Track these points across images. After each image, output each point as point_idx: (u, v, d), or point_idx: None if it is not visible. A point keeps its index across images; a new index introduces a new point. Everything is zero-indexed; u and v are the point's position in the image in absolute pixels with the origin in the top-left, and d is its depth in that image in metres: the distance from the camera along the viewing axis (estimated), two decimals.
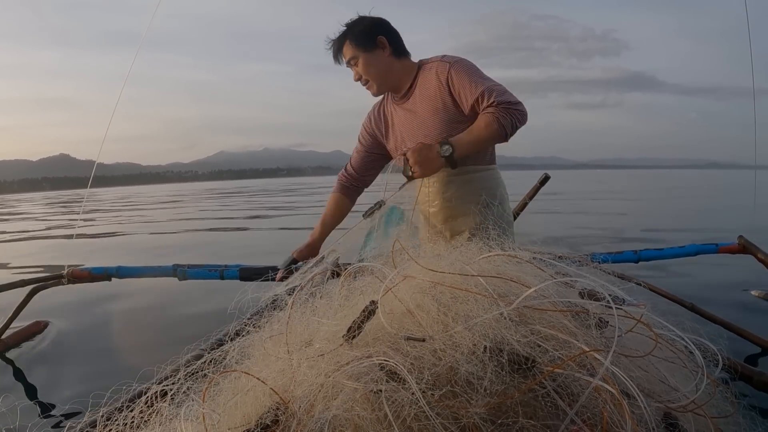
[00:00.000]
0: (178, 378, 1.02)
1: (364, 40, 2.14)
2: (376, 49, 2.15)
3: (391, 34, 2.18)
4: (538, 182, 3.19)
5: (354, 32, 2.16)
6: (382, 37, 2.15)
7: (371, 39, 2.14)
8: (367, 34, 2.14)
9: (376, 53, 2.16)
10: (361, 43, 2.15)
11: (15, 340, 2.95)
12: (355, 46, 2.16)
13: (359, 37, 2.15)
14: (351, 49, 2.17)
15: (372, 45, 2.15)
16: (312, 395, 0.82)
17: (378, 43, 2.15)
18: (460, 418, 0.77)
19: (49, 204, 26.66)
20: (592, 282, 1.02)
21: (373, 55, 2.16)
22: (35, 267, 5.48)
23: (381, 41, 2.15)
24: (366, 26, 2.15)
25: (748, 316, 3.15)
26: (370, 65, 2.17)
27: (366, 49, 2.15)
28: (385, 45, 2.15)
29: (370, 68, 2.17)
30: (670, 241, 5.56)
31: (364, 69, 2.18)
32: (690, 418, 0.89)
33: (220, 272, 2.73)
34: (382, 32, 2.15)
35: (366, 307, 0.96)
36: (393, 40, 2.18)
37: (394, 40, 2.18)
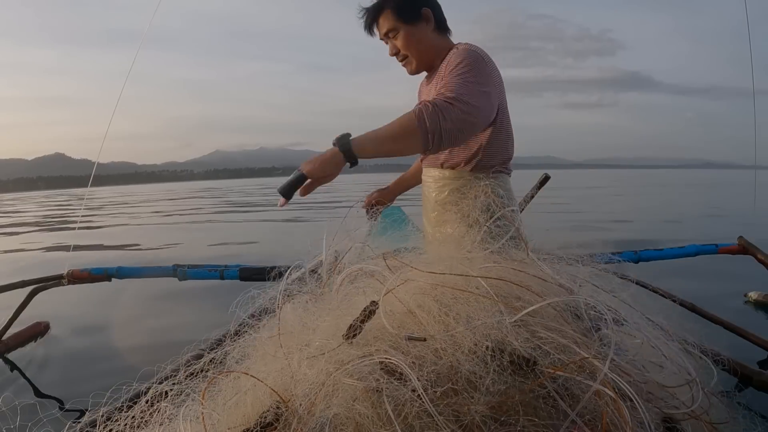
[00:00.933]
0: (178, 378, 1.02)
1: (407, 10, 1.92)
2: (420, 22, 1.94)
3: (435, 7, 1.97)
4: (538, 182, 3.18)
5: (396, 1, 1.92)
6: (428, 9, 1.93)
7: (415, 10, 1.92)
8: (412, 3, 1.92)
9: (420, 26, 1.94)
10: (403, 14, 1.92)
11: (16, 341, 2.95)
12: (397, 17, 1.93)
13: (402, 7, 1.92)
14: (391, 20, 1.94)
15: (416, 17, 1.93)
16: (313, 394, 0.82)
17: (423, 16, 1.93)
18: (462, 417, 0.77)
19: (42, 204, 26.65)
20: (592, 294, 1.02)
21: (416, 29, 1.94)
22: (34, 268, 5.49)
23: (426, 13, 1.93)
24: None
25: (747, 316, 3.15)
26: (411, 39, 1.95)
27: (409, 20, 1.93)
28: (429, 18, 1.94)
29: (411, 42, 1.95)
30: (669, 241, 5.57)
31: (405, 43, 1.96)
32: (689, 422, 0.89)
33: (220, 272, 2.73)
34: (427, 3, 1.95)
35: (366, 306, 0.96)
36: (438, 14, 1.97)
37: (439, 13, 1.98)
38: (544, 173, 3.19)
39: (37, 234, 11.00)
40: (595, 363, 0.81)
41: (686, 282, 3.89)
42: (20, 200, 36.92)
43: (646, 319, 1.10)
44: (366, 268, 1.19)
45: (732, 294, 3.64)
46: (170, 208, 17.15)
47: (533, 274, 1.09)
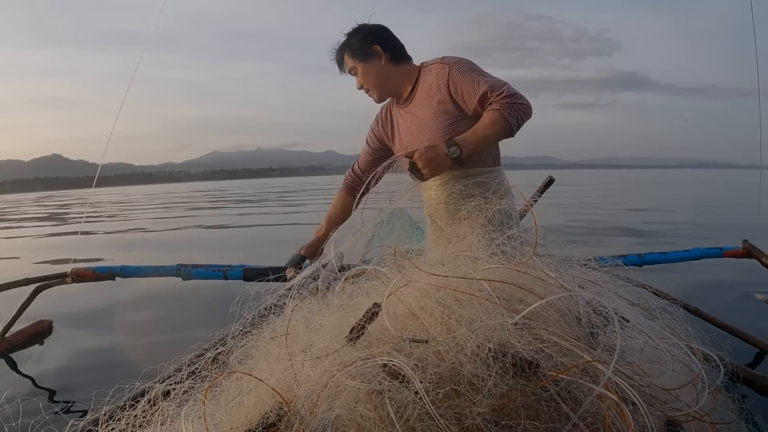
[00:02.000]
0: (181, 377, 1.03)
1: (360, 50, 2.19)
2: (373, 59, 2.19)
3: (386, 42, 2.20)
4: (543, 185, 3.18)
5: (351, 43, 2.20)
6: (377, 45, 2.17)
7: (367, 49, 2.17)
8: (362, 44, 2.18)
9: (373, 62, 2.19)
10: (357, 53, 2.19)
11: (19, 338, 2.96)
12: (352, 57, 2.21)
13: (355, 48, 2.19)
14: (350, 60, 2.22)
15: (368, 55, 2.18)
16: (315, 395, 0.82)
17: (374, 53, 2.18)
18: (463, 419, 0.77)
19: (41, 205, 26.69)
20: (596, 296, 1.02)
21: (369, 65, 2.19)
22: (39, 264, 5.51)
23: (376, 50, 2.17)
24: (362, 37, 2.18)
25: (751, 320, 3.14)
26: (367, 74, 2.21)
27: (363, 59, 2.19)
28: (380, 53, 2.17)
29: (367, 77, 2.22)
30: (673, 244, 5.55)
31: (363, 78, 2.22)
32: (692, 425, 0.89)
33: (223, 272, 2.73)
34: (378, 41, 2.18)
35: (369, 308, 0.96)
36: (389, 48, 2.20)
37: (391, 47, 2.21)
38: (548, 176, 3.18)
39: (41, 232, 11.03)
40: (599, 366, 0.81)
41: (690, 285, 3.88)
42: (20, 202, 37.03)
43: (650, 320, 1.10)
44: (369, 269, 1.19)
45: (736, 298, 3.63)
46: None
47: (536, 277, 1.09)
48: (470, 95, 2.03)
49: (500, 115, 1.96)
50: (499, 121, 1.96)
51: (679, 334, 1.07)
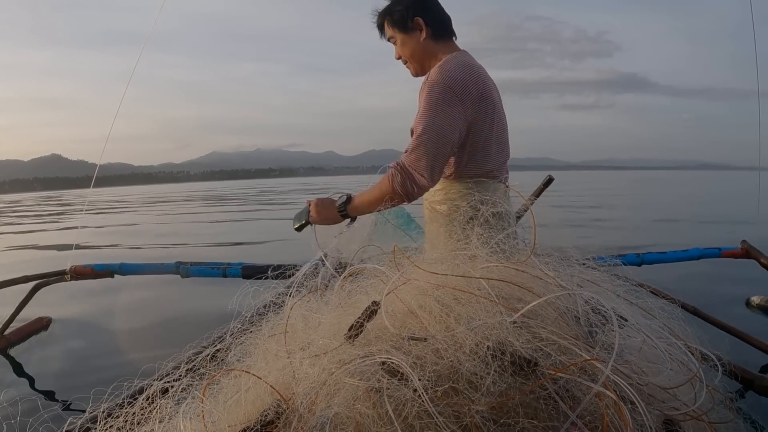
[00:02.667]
0: (179, 375, 1.03)
1: (401, 20, 2.07)
2: (413, 31, 2.06)
3: (430, 15, 2.07)
4: (542, 184, 3.17)
5: (392, 11, 2.09)
6: (419, 18, 2.04)
7: (408, 20, 2.05)
8: (404, 14, 2.06)
9: (413, 36, 2.07)
10: (398, 23, 2.08)
11: (18, 336, 2.96)
12: (393, 25, 2.10)
13: (396, 18, 2.08)
14: (389, 29, 2.11)
15: (409, 26, 2.06)
16: (314, 393, 0.82)
17: (415, 25, 2.05)
18: (462, 417, 0.77)
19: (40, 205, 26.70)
20: (595, 295, 1.02)
21: (409, 38, 2.08)
22: (37, 264, 5.50)
23: (418, 23, 2.05)
24: (405, 6, 2.06)
25: (749, 320, 3.14)
26: (405, 47, 2.10)
27: (403, 30, 2.08)
28: (421, 27, 2.05)
29: (405, 50, 2.11)
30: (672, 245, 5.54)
31: (401, 50, 2.12)
32: (690, 424, 0.89)
33: (222, 270, 2.73)
34: (421, 13, 2.05)
35: (368, 307, 0.96)
36: (432, 22, 2.06)
37: (434, 21, 2.07)
38: (548, 175, 3.17)
39: (40, 231, 11.03)
40: (597, 365, 0.81)
41: (689, 285, 3.88)
42: (15, 203, 37.01)
43: (648, 320, 1.10)
44: (368, 267, 1.19)
45: (735, 298, 3.63)
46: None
47: (535, 276, 1.09)
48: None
49: (389, 178, 1.93)
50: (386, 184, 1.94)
51: (677, 334, 1.07)
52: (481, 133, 1.97)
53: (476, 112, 1.94)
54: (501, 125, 2.04)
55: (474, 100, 1.92)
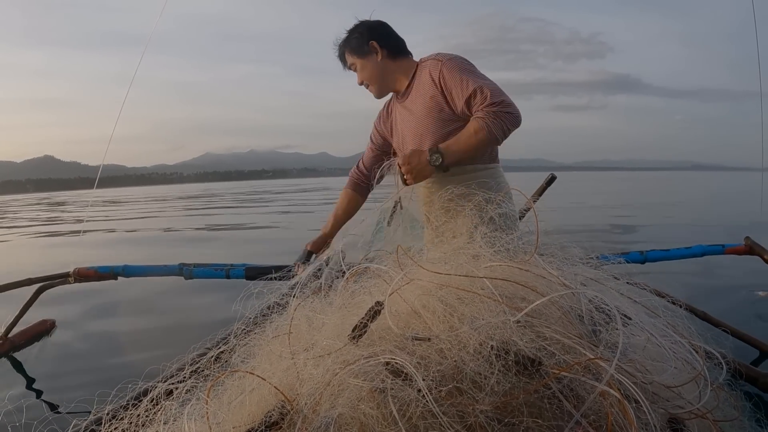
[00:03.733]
0: (183, 376, 1.03)
1: (358, 46, 2.23)
2: (370, 55, 2.22)
3: (383, 38, 2.22)
4: (545, 182, 3.17)
5: (350, 40, 2.25)
6: (374, 41, 2.20)
7: (364, 45, 2.21)
8: (360, 40, 2.22)
9: (370, 58, 2.22)
10: (356, 50, 2.23)
11: (22, 338, 2.96)
12: (352, 53, 2.25)
13: (354, 45, 2.23)
14: (349, 57, 2.26)
15: (366, 50, 2.22)
16: (318, 393, 0.82)
17: (371, 49, 2.21)
18: (466, 417, 0.77)
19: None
20: (598, 294, 1.02)
21: (367, 61, 2.23)
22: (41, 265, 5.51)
23: (373, 46, 2.20)
24: (360, 33, 2.22)
25: (754, 317, 3.13)
26: (365, 70, 2.25)
27: (361, 55, 2.23)
28: (377, 49, 2.20)
29: (365, 73, 2.25)
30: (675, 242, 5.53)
31: (361, 74, 2.27)
32: (695, 422, 0.89)
33: (226, 271, 2.73)
34: (375, 37, 2.20)
35: (372, 307, 0.96)
36: (386, 43, 2.22)
37: (388, 42, 2.23)
38: (550, 173, 3.17)
39: (43, 232, 11.05)
40: (601, 364, 0.81)
41: (693, 283, 3.88)
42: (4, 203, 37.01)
43: (652, 318, 1.10)
44: (371, 267, 1.19)
45: (739, 294, 3.62)
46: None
47: (538, 275, 1.09)
48: (458, 95, 2.04)
49: (485, 124, 1.95)
50: (483, 129, 1.96)
51: (681, 332, 1.07)
52: None
53: None
54: None
55: None
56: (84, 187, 60.84)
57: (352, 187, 2.57)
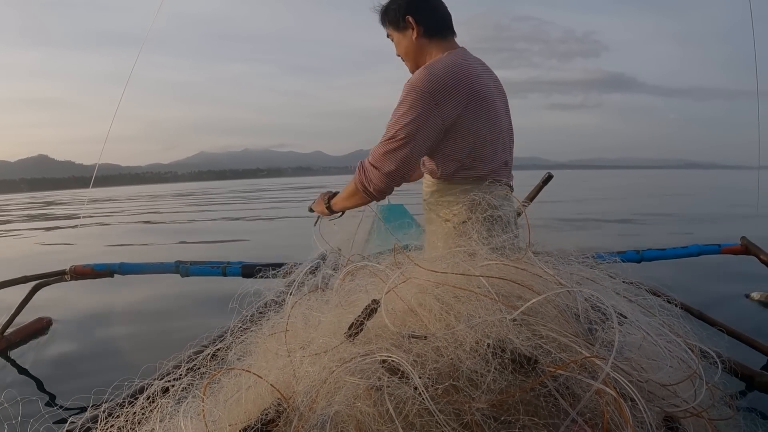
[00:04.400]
0: (180, 374, 1.03)
1: (394, 19, 2.11)
2: (406, 29, 2.09)
3: (422, 14, 2.07)
4: (541, 181, 3.17)
5: (388, 10, 2.13)
6: (410, 16, 2.06)
7: (400, 18, 2.08)
8: (397, 13, 2.09)
9: (406, 34, 2.10)
10: (392, 22, 2.12)
11: (18, 336, 2.96)
12: (389, 24, 2.14)
13: (391, 16, 2.12)
14: (386, 27, 2.17)
15: (401, 25, 2.09)
16: (314, 391, 0.82)
17: (407, 24, 2.07)
18: (462, 415, 0.77)
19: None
20: (594, 292, 1.02)
21: (402, 36, 2.11)
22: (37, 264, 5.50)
23: (409, 21, 2.06)
24: (398, 5, 2.09)
25: (749, 317, 3.14)
26: (400, 45, 2.14)
27: (396, 28, 2.12)
28: (413, 25, 2.06)
29: (400, 48, 2.15)
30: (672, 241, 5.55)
31: (397, 48, 2.16)
32: (690, 421, 0.89)
33: (222, 269, 2.74)
34: (412, 11, 2.07)
35: (368, 305, 0.96)
36: (424, 20, 2.07)
37: (426, 19, 2.07)
38: (547, 172, 3.16)
39: (39, 230, 11.03)
40: (597, 362, 0.81)
41: (689, 282, 3.89)
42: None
43: (648, 317, 1.10)
44: (368, 266, 1.20)
45: (735, 294, 3.64)
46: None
47: (534, 274, 1.09)
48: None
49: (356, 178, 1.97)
50: (351, 183, 2.00)
51: (676, 331, 1.08)
52: (467, 138, 1.93)
53: (461, 115, 1.90)
54: (497, 129, 1.99)
55: (458, 104, 1.88)
56: (78, 187, 60.77)
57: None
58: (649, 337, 0.99)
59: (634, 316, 1.05)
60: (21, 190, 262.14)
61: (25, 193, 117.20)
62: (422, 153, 1.92)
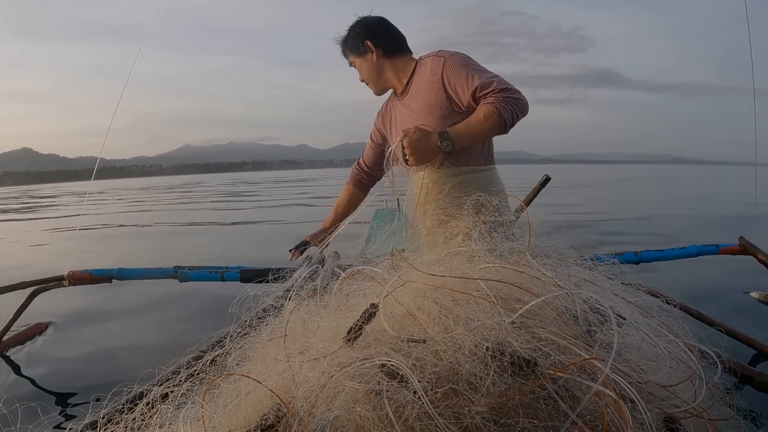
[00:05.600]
0: (179, 380, 1.02)
1: (354, 46, 2.28)
2: (366, 54, 2.26)
3: (379, 37, 2.25)
4: (539, 183, 3.17)
5: (347, 39, 2.30)
6: (368, 41, 2.23)
7: (360, 44, 2.25)
8: (356, 40, 2.26)
9: (366, 57, 2.27)
10: (352, 49, 2.29)
11: (16, 341, 2.95)
12: (349, 52, 2.31)
13: (350, 44, 2.29)
14: (348, 55, 2.33)
15: (362, 50, 2.26)
16: (313, 396, 0.82)
17: (366, 48, 2.25)
18: (462, 418, 0.77)
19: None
20: (592, 294, 1.02)
21: (364, 60, 2.28)
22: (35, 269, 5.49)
23: (368, 45, 2.24)
24: (356, 33, 2.27)
25: (748, 317, 3.15)
26: (362, 69, 2.31)
27: (357, 54, 2.28)
28: (371, 49, 2.24)
29: (362, 71, 2.31)
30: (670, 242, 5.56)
31: (360, 72, 2.32)
32: (691, 421, 0.89)
33: (220, 274, 2.73)
34: (369, 36, 2.24)
35: (366, 309, 0.96)
36: (382, 42, 2.25)
37: (384, 41, 2.26)
38: (544, 175, 3.17)
39: (38, 233, 11.00)
40: (597, 364, 0.81)
41: (688, 283, 3.89)
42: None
43: (647, 318, 1.10)
44: (366, 269, 1.20)
45: (733, 294, 3.64)
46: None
47: (533, 276, 1.09)
48: (464, 90, 2.05)
49: (495, 109, 1.96)
50: (494, 115, 1.96)
51: (675, 332, 1.08)
52: None
53: None
54: None
55: None
56: (62, 180, 60.46)
57: (353, 183, 2.63)
58: (649, 338, 0.99)
59: (633, 317, 1.05)
60: (5, 184, 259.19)
61: (9, 186, 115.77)
62: None
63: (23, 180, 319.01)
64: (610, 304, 0.99)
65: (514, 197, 2.09)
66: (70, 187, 50.02)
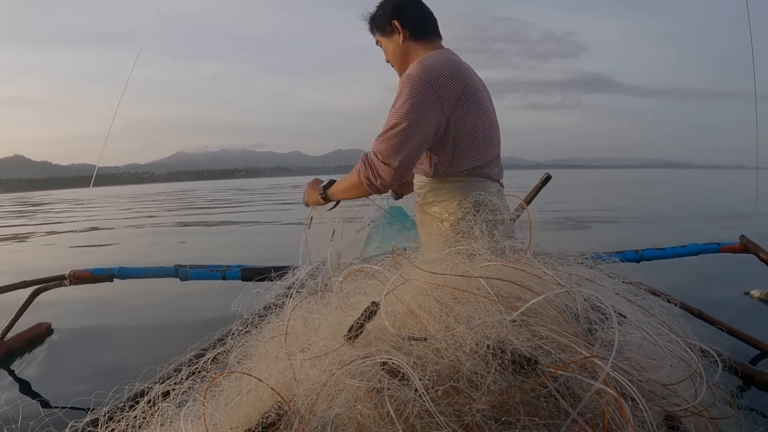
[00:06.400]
0: (180, 378, 1.03)
1: (381, 24, 2.15)
2: (392, 34, 2.13)
3: (407, 18, 2.12)
4: (540, 182, 3.16)
5: (375, 16, 2.18)
6: (395, 21, 2.10)
7: (387, 23, 2.12)
8: (383, 18, 2.14)
9: (393, 38, 2.14)
10: (379, 27, 2.17)
11: (18, 341, 2.95)
12: (376, 30, 2.19)
13: (377, 22, 2.16)
14: (374, 33, 2.21)
15: (388, 30, 2.13)
16: (314, 394, 0.82)
17: (393, 28, 2.12)
18: (463, 416, 0.77)
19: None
20: (593, 292, 1.02)
21: (389, 40, 2.16)
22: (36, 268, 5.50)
23: (394, 26, 2.11)
24: (384, 10, 2.14)
25: (749, 315, 3.15)
26: (387, 49, 2.19)
27: (383, 33, 2.16)
28: (398, 29, 2.11)
29: (388, 52, 2.19)
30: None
31: (385, 52, 2.21)
32: (691, 420, 0.89)
33: (221, 273, 2.73)
34: (397, 16, 2.11)
35: (367, 307, 0.96)
36: (409, 24, 2.11)
37: (411, 23, 2.12)
38: (545, 173, 3.16)
39: (39, 234, 11.01)
40: (597, 362, 0.81)
41: (689, 281, 3.89)
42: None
43: (647, 316, 1.10)
44: (367, 268, 1.20)
45: (734, 293, 3.64)
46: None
47: (534, 274, 1.09)
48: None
49: (357, 169, 1.96)
50: (355, 175, 1.98)
51: (676, 330, 1.08)
52: (463, 128, 1.95)
53: (456, 105, 1.92)
54: (488, 121, 2.03)
55: (453, 94, 1.91)
56: (55, 187, 60.01)
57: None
58: (649, 337, 0.99)
59: (633, 315, 1.05)
60: None
61: (1, 194, 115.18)
62: (426, 141, 1.91)
63: (15, 187, 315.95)
64: (611, 303, 0.99)
65: (514, 197, 2.08)
66: (64, 194, 49.91)
